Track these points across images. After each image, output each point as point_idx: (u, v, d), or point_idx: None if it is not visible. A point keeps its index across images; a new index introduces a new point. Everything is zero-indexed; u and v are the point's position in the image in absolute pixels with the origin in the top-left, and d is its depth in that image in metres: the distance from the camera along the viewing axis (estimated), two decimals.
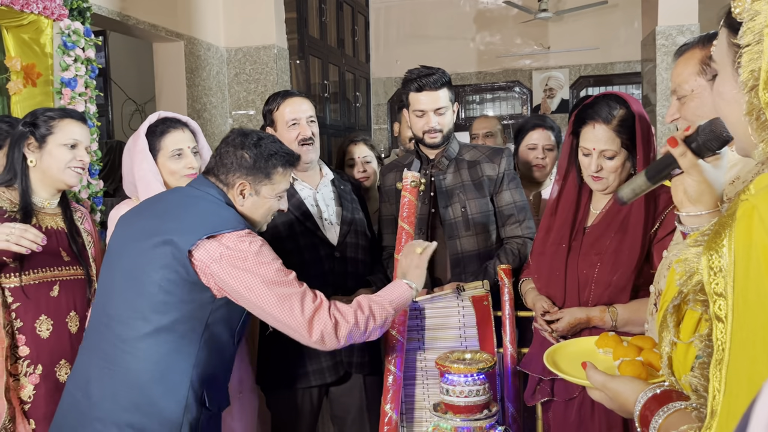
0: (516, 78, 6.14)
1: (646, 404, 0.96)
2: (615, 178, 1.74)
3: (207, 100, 4.21)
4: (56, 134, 1.87)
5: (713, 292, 0.79)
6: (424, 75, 2.13)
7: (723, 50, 0.88)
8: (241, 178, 1.65)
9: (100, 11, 3.24)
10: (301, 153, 2.20)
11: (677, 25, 4.04)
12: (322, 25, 4.91)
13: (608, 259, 1.72)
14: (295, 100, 2.22)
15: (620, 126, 1.70)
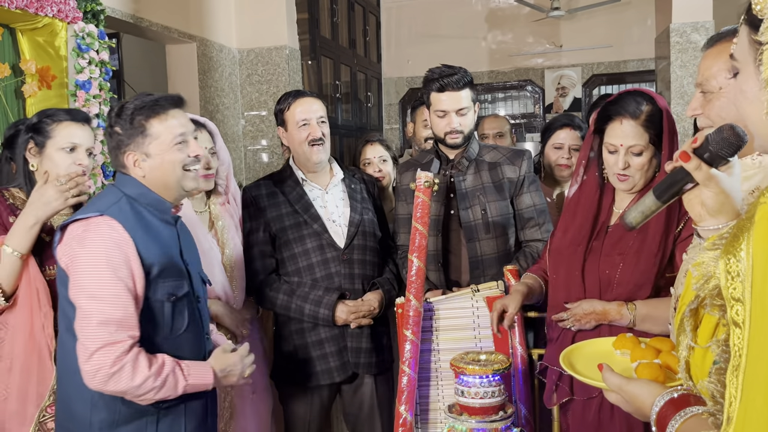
0: (528, 77, 6.11)
1: (662, 408, 0.95)
2: (641, 176, 1.70)
3: (219, 101, 4.22)
4: (54, 138, 1.85)
5: (731, 297, 0.78)
6: (447, 75, 2.10)
7: (744, 48, 0.86)
8: (126, 151, 1.57)
9: (114, 14, 3.27)
10: (311, 153, 2.20)
11: (692, 22, 4.00)
12: (334, 25, 4.91)
13: (630, 260, 1.69)
14: (305, 101, 2.22)
15: (648, 121, 1.66)
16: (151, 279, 1.52)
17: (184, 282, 1.58)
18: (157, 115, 1.57)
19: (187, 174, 1.60)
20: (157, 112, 1.57)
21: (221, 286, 2.11)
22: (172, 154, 1.57)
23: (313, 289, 2.16)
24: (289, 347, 2.22)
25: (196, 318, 1.63)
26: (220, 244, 2.15)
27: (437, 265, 2.20)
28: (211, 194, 2.21)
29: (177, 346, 1.57)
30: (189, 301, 1.60)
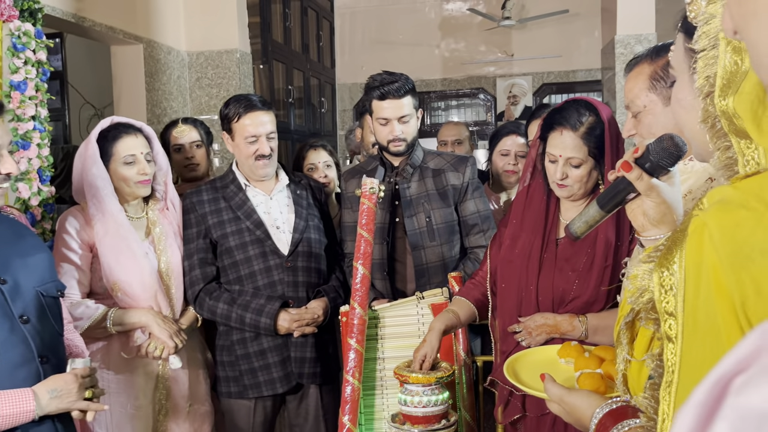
0: (480, 85, 6.18)
1: (601, 420, 0.95)
2: (580, 187, 1.69)
3: (167, 105, 4.13)
4: None
5: (664, 311, 0.77)
6: (387, 82, 2.09)
7: (680, 55, 0.87)
8: None
9: (54, 12, 3.15)
10: (257, 168, 2.16)
11: (635, 35, 4.11)
12: (287, 29, 4.87)
13: (584, 275, 1.67)
14: (256, 115, 2.14)
15: (588, 134, 1.65)
16: None
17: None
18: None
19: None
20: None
21: (155, 295, 2.05)
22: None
23: (255, 298, 2.11)
24: (230, 357, 2.16)
25: (20, 342, 1.41)
26: (157, 251, 2.08)
27: (383, 273, 2.18)
28: (149, 200, 2.14)
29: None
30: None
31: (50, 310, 1.52)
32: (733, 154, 0.76)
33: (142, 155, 2.03)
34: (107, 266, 1.97)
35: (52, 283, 1.56)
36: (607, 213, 1.11)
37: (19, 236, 1.55)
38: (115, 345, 2.00)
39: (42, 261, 1.56)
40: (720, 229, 0.70)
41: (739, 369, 0.27)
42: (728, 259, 0.68)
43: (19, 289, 1.45)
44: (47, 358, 1.46)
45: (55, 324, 1.54)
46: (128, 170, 2.01)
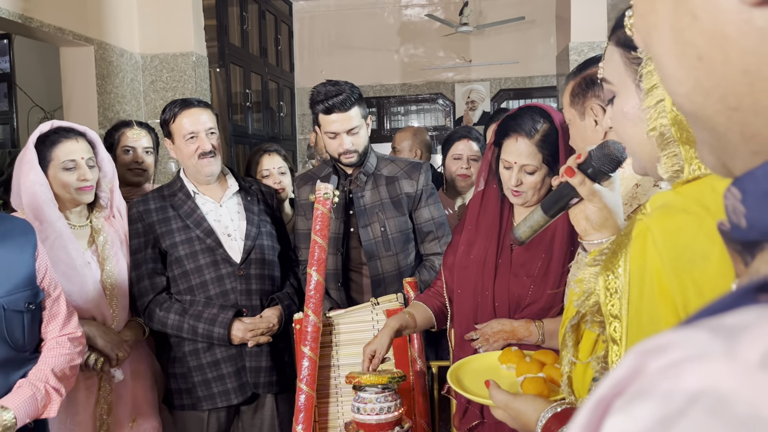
0: (439, 90, 6.22)
1: (547, 424, 0.96)
2: (534, 194, 1.71)
3: (120, 108, 4.03)
4: None
5: (609, 314, 0.78)
6: (333, 95, 2.03)
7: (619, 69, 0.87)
8: None
9: (1, 13, 3.05)
10: (201, 166, 2.11)
11: (588, 42, 4.20)
12: (244, 33, 4.81)
13: (539, 281, 1.68)
14: (193, 112, 2.10)
15: (543, 141, 1.67)
16: None
17: None
18: None
19: None
20: None
21: (98, 306, 1.98)
22: None
23: (207, 308, 2.07)
24: (182, 369, 2.11)
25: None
26: (100, 260, 2.02)
27: (337, 284, 2.16)
28: (93, 208, 2.07)
29: None
30: None
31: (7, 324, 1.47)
32: (680, 162, 0.77)
33: (83, 160, 1.96)
34: None
35: (19, 294, 1.51)
36: (551, 218, 1.13)
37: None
38: None
39: (14, 268, 1.52)
40: (663, 233, 0.71)
41: (617, 391, 0.28)
42: (671, 263, 0.69)
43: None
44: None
45: (8, 340, 1.48)
46: (68, 176, 1.94)
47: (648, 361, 0.27)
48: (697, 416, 0.24)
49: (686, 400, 0.24)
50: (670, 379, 0.25)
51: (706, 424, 0.23)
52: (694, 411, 0.24)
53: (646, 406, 0.25)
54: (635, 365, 0.28)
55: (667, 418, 0.24)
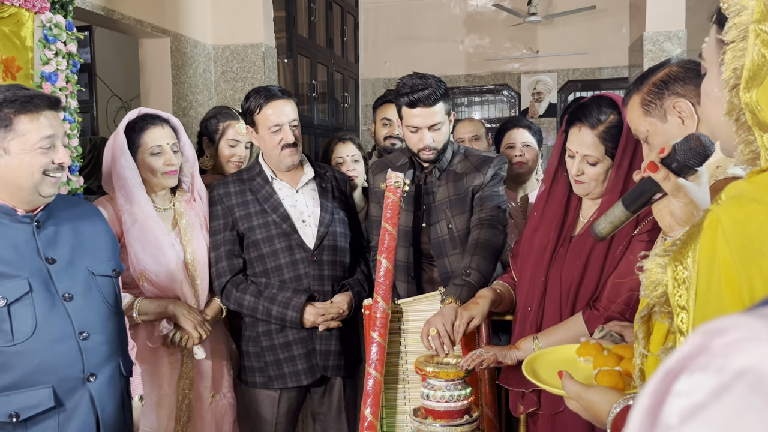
0: (504, 81, 6.14)
1: (618, 415, 0.95)
2: (597, 185, 1.68)
3: (193, 98, 4.16)
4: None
5: (677, 305, 0.77)
6: (418, 89, 1.98)
7: (711, 47, 0.86)
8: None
9: (85, 5, 3.20)
10: (284, 158, 2.16)
11: (664, 31, 4.05)
12: (311, 24, 4.88)
13: (593, 272, 1.67)
14: (278, 104, 2.14)
15: (606, 133, 1.64)
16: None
17: (21, 282, 1.45)
18: (29, 113, 1.44)
19: (47, 179, 1.49)
20: (30, 109, 1.45)
21: (181, 285, 2.07)
22: (35, 157, 1.46)
23: (281, 291, 2.12)
24: (256, 348, 2.18)
25: (59, 318, 1.50)
26: (183, 242, 2.10)
27: (408, 277, 2.17)
28: (176, 191, 2.16)
29: (31, 351, 1.45)
30: (39, 301, 1.47)
31: (101, 288, 1.61)
32: (756, 148, 0.75)
33: (168, 146, 2.05)
34: (134, 256, 1.99)
35: (107, 263, 1.65)
36: (632, 213, 1.11)
37: (79, 217, 1.64)
38: (141, 334, 2.03)
39: (99, 241, 1.65)
40: (732, 223, 0.69)
41: (683, 365, 0.33)
42: (738, 253, 0.68)
43: (69, 268, 1.54)
44: (89, 335, 1.55)
45: (106, 301, 1.62)
46: (155, 161, 2.03)
47: (711, 341, 0.32)
48: (740, 390, 0.28)
49: (734, 375, 0.29)
50: (725, 356, 0.30)
51: (747, 398, 0.28)
52: (739, 385, 0.29)
53: (703, 378, 0.30)
54: (700, 343, 0.32)
55: (717, 390, 0.29)
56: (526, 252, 1.84)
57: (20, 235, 1.51)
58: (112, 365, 1.62)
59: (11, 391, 1.44)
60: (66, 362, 1.51)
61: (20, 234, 1.51)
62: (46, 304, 1.49)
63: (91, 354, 1.55)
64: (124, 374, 1.68)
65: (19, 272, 1.47)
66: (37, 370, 1.47)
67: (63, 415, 1.50)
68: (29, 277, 1.48)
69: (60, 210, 1.60)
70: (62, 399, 1.50)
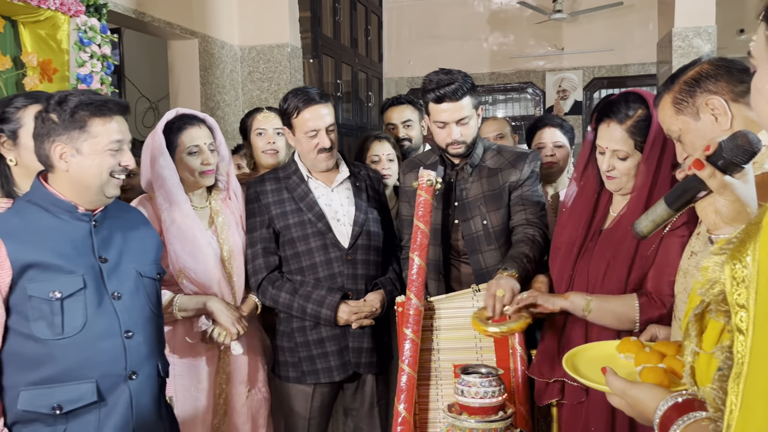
0: (529, 79, 6.11)
1: (666, 413, 0.95)
2: (628, 180, 1.70)
3: (220, 98, 4.22)
4: (26, 125, 1.70)
5: (735, 303, 0.77)
6: (445, 84, 1.98)
7: (761, 45, 0.85)
8: (55, 141, 1.51)
9: (116, 8, 3.26)
10: (320, 161, 2.18)
11: (694, 27, 4.01)
12: (336, 24, 4.90)
13: (620, 265, 1.68)
14: (316, 108, 2.15)
15: (635, 127, 1.65)
16: (30, 279, 1.47)
17: (76, 279, 1.51)
18: (102, 116, 1.53)
19: (112, 180, 1.57)
20: (103, 113, 1.53)
21: (218, 282, 2.10)
22: (104, 158, 1.53)
23: (316, 289, 2.15)
24: (290, 343, 2.21)
25: (107, 316, 1.56)
26: (219, 240, 2.14)
27: (438, 275, 2.18)
28: (212, 190, 2.19)
29: (78, 346, 1.51)
30: (90, 298, 1.53)
31: (146, 289, 1.67)
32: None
33: (205, 145, 2.08)
34: (173, 254, 2.03)
35: (153, 266, 1.71)
36: (675, 212, 1.10)
37: (127, 220, 1.71)
38: (180, 330, 2.06)
39: (146, 244, 1.72)
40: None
41: None
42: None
43: (117, 268, 1.60)
44: (133, 334, 1.60)
45: (149, 303, 1.67)
46: (193, 160, 2.07)
47: None
48: None
49: None
50: None
51: None
52: None
53: None
54: None
55: None
56: (555, 248, 1.87)
57: (78, 233, 1.56)
58: (151, 365, 1.66)
59: (54, 384, 1.49)
60: (110, 359, 1.56)
61: (79, 231, 1.57)
62: (96, 301, 1.54)
63: (134, 353, 1.59)
64: (162, 375, 1.72)
65: (75, 268, 1.53)
66: (81, 365, 1.51)
67: (104, 410, 1.54)
68: (84, 274, 1.54)
69: (113, 212, 1.66)
70: (104, 394, 1.54)
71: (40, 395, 1.48)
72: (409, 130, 2.97)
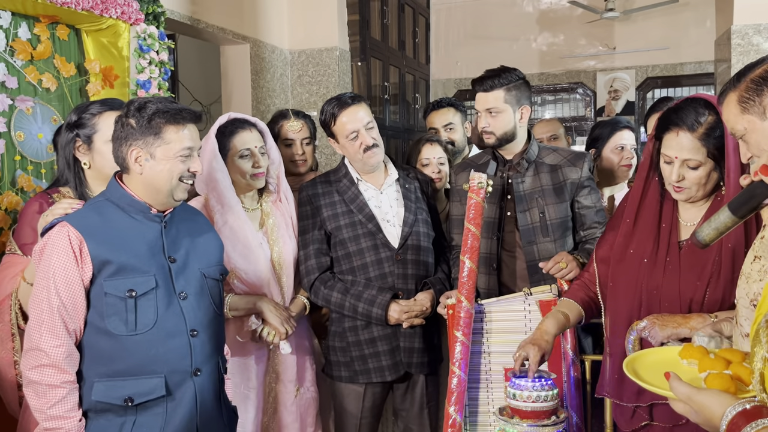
0: (579, 79, 6.01)
1: (733, 419, 0.93)
2: (698, 189, 1.64)
3: (271, 102, 4.29)
4: (101, 131, 1.82)
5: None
6: (486, 77, 2.14)
7: None
8: (132, 145, 1.59)
9: (172, 15, 3.36)
10: (367, 159, 2.22)
11: (754, 24, 3.86)
12: (384, 26, 4.93)
13: (716, 280, 1.60)
14: (350, 110, 2.20)
15: (707, 134, 1.59)
16: (107, 276, 1.55)
17: (149, 278, 1.59)
18: (177, 124, 1.60)
19: (181, 185, 1.64)
20: (178, 120, 1.61)
21: (268, 283, 2.14)
22: (175, 164, 1.61)
23: (367, 288, 2.18)
24: (342, 343, 2.24)
25: (175, 315, 1.62)
26: (270, 241, 2.18)
27: (490, 268, 2.18)
28: (263, 192, 2.24)
29: (149, 342, 1.58)
30: (160, 297, 1.60)
31: (210, 290, 1.73)
32: None
33: (256, 149, 2.13)
34: (225, 255, 2.06)
35: (216, 267, 1.78)
36: (740, 219, 1.08)
37: (193, 222, 1.78)
38: (231, 329, 2.11)
39: (210, 246, 1.79)
40: None
41: None
42: None
43: (184, 269, 1.67)
44: (197, 332, 1.66)
45: (213, 303, 1.73)
46: (244, 163, 2.12)
47: None
48: None
49: None
50: None
51: None
52: None
53: None
54: None
55: None
56: (619, 259, 1.77)
57: (151, 233, 1.64)
58: (213, 362, 1.72)
59: (126, 377, 1.57)
60: (178, 356, 1.62)
61: (151, 232, 1.64)
62: (166, 300, 1.62)
63: (199, 350, 1.66)
64: (222, 372, 1.78)
65: (149, 268, 1.60)
66: (152, 360, 1.59)
67: (171, 404, 1.61)
68: (156, 273, 1.61)
69: (180, 214, 1.73)
70: (172, 389, 1.61)
71: (113, 387, 1.56)
72: (452, 134, 2.96)
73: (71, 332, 1.54)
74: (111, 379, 1.56)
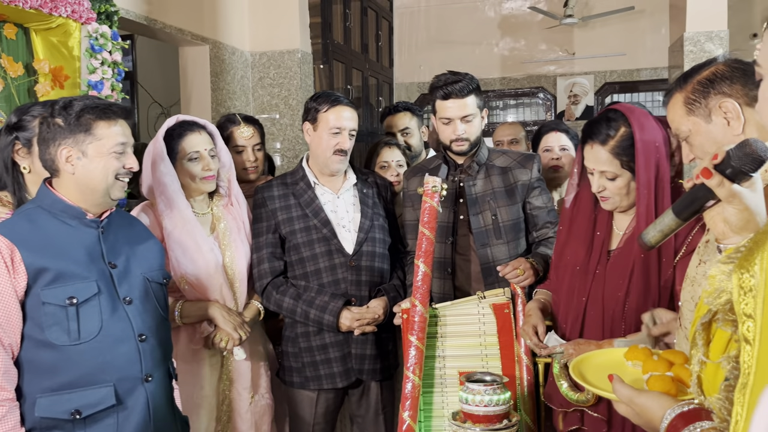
0: (540, 84, 6.09)
1: (672, 422, 0.94)
2: (622, 199, 1.67)
3: (231, 104, 4.24)
4: None
5: (742, 313, 0.76)
6: (451, 82, 2.10)
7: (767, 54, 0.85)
8: (61, 145, 1.53)
9: (128, 15, 3.29)
10: (332, 162, 2.20)
11: (706, 32, 3.97)
12: (347, 29, 4.92)
13: (639, 290, 1.63)
14: (345, 109, 2.21)
15: (619, 147, 1.63)
16: (44, 285, 1.48)
17: (90, 284, 1.53)
18: (107, 119, 1.56)
19: (117, 183, 1.59)
20: (108, 116, 1.56)
21: (220, 288, 2.11)
22: (109, 160, 1.56)
23: (319, 295, 2.16)
24: (294, 349, 2.22)
25: (121, 320, 1.58)
26: (221, 246, 2.14)
27: (445, 272, 2.18)
28: (213, 196, 2.20)
29: (95, 350, 1.52)
30: (104, 303, 1.55)
31: (155, 294, 1.69)
32: None
33: (206, 151, 2.10)
34: (175, 260, 2.04)
35: (159, 271, 1.74)
36: (683, 221, 1.10)
37: (130, 228, 1.74)
38: (183, 336, 2.08)
39: (151, 251, 1.75)
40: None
41: None
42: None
43: (126, 274, 1.63)
44: (146, 337, 1.62)
45: (159, 307, 1.70)
46: (193, 166, 2.08)
47: None
48: None
49: None
50: None
51: None
52: None
53: None
54: None
55: None
56: (556, 266, 1.85)
57: (88, 239, 1.59)
58: (164, 368, 1.68)
59: (73, 389, 1.50)
60: (127, 361, 1.58)
61: (88, 238, 1.59)
62: (110, 306, 1.57)
63: (148, 356, 1.62)
64: (172, 377, 1.74)
65: (89, 274, 1.55)
66: (99, 369, 1.53)
67: (122, 413, 1.56)
68: (97, 279, 1.56)
69: (116, 220, 1.68)
70: (122, 398, 1.56)
71: (58, 401, 1.49)
72: (409, 138, 2.97)
73: (6, 347, 1.46)
74: (55, 393, 1.49)
